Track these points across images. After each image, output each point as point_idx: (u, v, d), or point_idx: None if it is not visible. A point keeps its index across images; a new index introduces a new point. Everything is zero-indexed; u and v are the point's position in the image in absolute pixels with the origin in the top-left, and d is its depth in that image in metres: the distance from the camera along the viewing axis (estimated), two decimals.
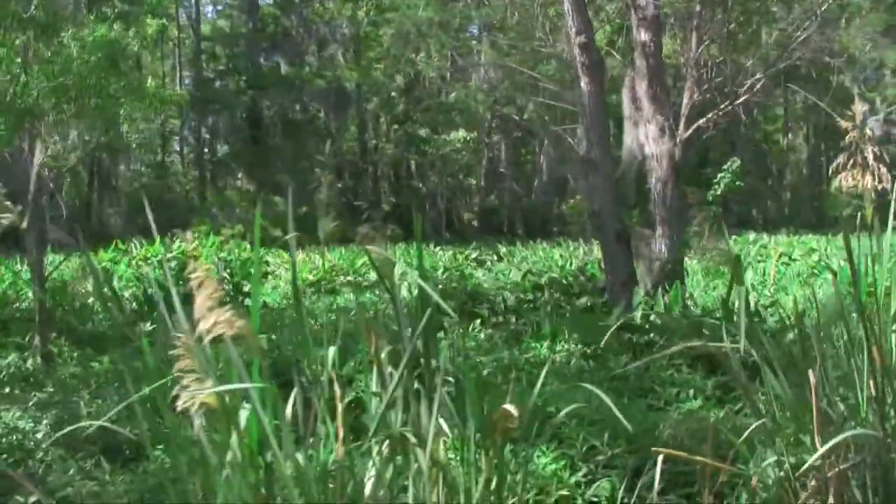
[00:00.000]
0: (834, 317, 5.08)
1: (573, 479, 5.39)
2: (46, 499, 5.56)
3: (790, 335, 8.51)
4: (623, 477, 5.38)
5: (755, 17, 12.80)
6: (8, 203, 11.65)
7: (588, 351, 8.77)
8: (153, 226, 4.37)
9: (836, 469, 4.59)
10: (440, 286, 12.98)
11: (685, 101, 11.46)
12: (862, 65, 36.30)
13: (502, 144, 42.16)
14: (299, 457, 3.40)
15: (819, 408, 4.42)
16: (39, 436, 6.93)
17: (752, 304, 11.48)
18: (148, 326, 11.61)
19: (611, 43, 17.34)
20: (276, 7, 36.40)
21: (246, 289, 13.94)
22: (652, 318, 9.44)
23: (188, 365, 3.05)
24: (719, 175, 11.80)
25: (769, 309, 11.09)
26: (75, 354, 10.34)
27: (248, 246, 23.66)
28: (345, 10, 34.96)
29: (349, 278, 17.64)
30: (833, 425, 4.67)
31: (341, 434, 3.63)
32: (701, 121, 11.35)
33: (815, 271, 17.10)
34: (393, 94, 38.25)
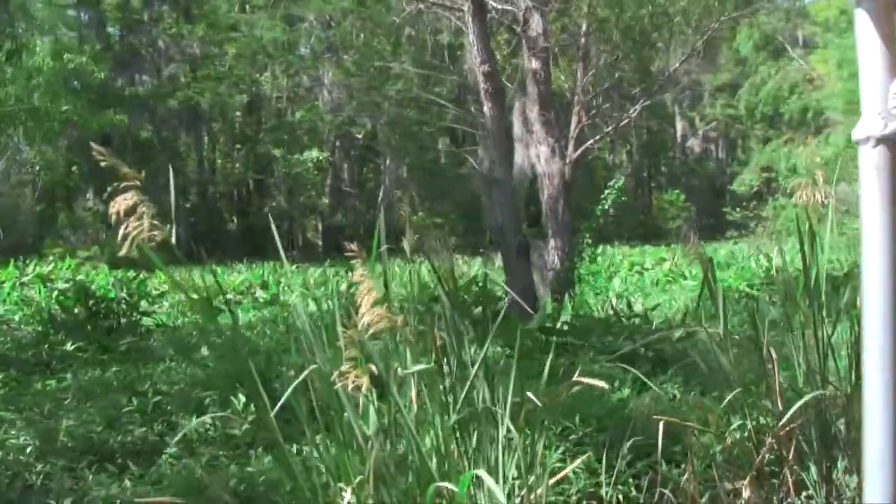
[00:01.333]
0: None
1: (556, 455, 6.26)
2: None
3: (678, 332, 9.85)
4: (598, 452, 6.29)
5: (633, 53, 14.20)
6: None
7: (511, 352, 9.65)
8: None
9: (787, 428, 5.70)
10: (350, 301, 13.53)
11: (573, 124, 12.63)
12: (682, 86, 39.19)
13: (345, 163, 42.81)
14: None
15: (778, 379, 5.50)
16: (29, 450, 7.16)
17: (638, 306, 12.71)
18: (70, 346, 11.69)
19: (501, 70, 18.47)
20: (124, 26, 35.81)
21: (142, 307, 13.99)
22: (563, 319, 10.42)
23: (352, 354, 3.72)
24: (606, 191, 13.09)
25: (654, 311, 12.32)
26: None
27: (105, 267, 23.35)
28: (196, 29, 34.89)
29: (230, 296, 17.88)
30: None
31: (415, 407, 4.37)
32: (589, 142, 12.56)
33: (670, 278, 18.72)
34: (237, 113, 38.28)
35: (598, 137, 12.88)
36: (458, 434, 4.53)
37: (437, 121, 43.15)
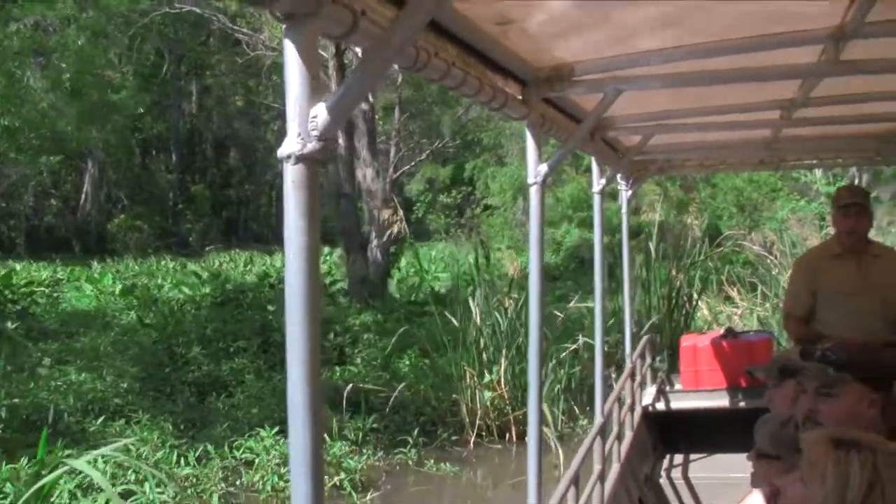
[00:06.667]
0: None
1: None
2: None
3: None
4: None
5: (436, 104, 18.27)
6: None
7: (382, 318, 13.38)
8: None
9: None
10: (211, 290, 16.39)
11: (392, 152, 16.45)
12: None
13: (44, 166, 42.77)
14: None
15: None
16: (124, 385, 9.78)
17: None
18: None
19: None
20: None
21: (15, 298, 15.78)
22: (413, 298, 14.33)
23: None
24: (417, 204, 16.95)
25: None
26: None
27: None
28: None
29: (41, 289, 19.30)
30: None
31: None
32: (405, 167, 16.60)
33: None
34: None
35: (412, 164, 16.99)
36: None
37: (151, 127, 44.52)
